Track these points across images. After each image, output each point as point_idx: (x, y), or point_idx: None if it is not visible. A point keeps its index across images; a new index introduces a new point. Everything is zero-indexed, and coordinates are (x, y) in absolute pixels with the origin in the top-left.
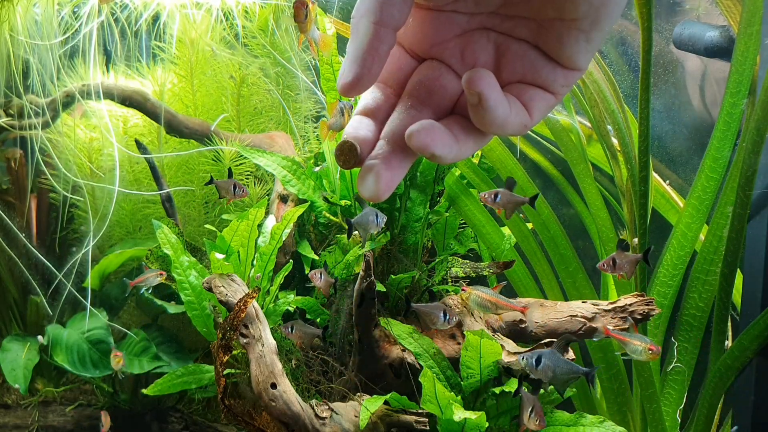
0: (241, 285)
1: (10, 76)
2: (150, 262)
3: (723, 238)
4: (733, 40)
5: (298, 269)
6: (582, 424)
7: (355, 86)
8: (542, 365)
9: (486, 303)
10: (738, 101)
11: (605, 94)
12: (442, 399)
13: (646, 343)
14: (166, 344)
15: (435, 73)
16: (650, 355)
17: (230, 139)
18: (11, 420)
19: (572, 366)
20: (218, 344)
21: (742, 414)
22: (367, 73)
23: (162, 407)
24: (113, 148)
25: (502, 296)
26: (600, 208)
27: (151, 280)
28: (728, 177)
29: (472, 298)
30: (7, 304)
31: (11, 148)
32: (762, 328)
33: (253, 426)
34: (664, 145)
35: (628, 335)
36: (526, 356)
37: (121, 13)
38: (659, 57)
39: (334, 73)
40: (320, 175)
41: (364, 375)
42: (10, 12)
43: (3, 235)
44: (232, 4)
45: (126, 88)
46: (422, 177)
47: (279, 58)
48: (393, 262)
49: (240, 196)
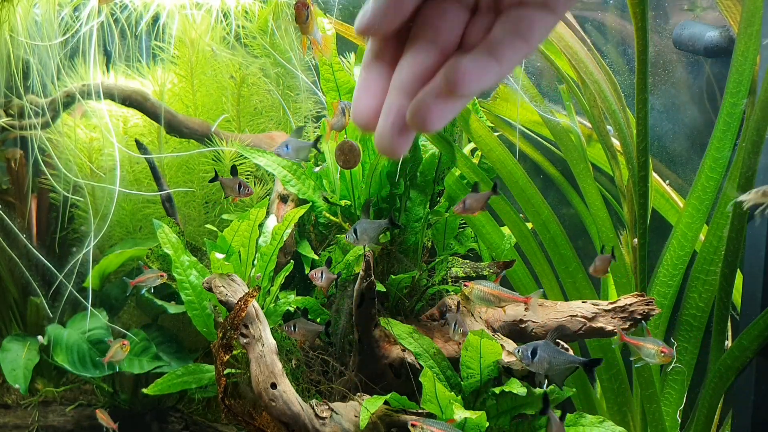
0: (241, 285)
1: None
2: (150, 262)
3: (723, 238)
4: (733, 40)
5: (299, 269)
6: (582, 424)
7: (377, 25)
8: (538, 357)
9: (489, 297)
10: (738, 101)
11: (606, 94)
12: (443, 399)
13: (659, 345)
14: (166, 344)
15: (438, 10)
16: (663, 358)
17: (230, 139)
18: (11, 420)
19: (569, 356)
20: (219, 344)
21: (742, 414)
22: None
23: (162, 407)
24: (113, 148)
25: (505, 289)
26: (600, 208)
27: (152, 280)
28: (728, 177)
29: (474, 292)
30: (7, 304)
31: (11, 149)
32: (762, 328)
33: (253, 426)
34: (664, 145)
35: (641, 339)
36: (521, 349)
37: (121, 14)
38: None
39: (334, 73)
40: (320, 175)
41: (364, 375)
42: (10, 13)
43: (3, 235)
44: (232, 4)
45: (126, 88)
46: (422, 177)
47: (279, 58)
48: (393, 262)
49: (245, 194)
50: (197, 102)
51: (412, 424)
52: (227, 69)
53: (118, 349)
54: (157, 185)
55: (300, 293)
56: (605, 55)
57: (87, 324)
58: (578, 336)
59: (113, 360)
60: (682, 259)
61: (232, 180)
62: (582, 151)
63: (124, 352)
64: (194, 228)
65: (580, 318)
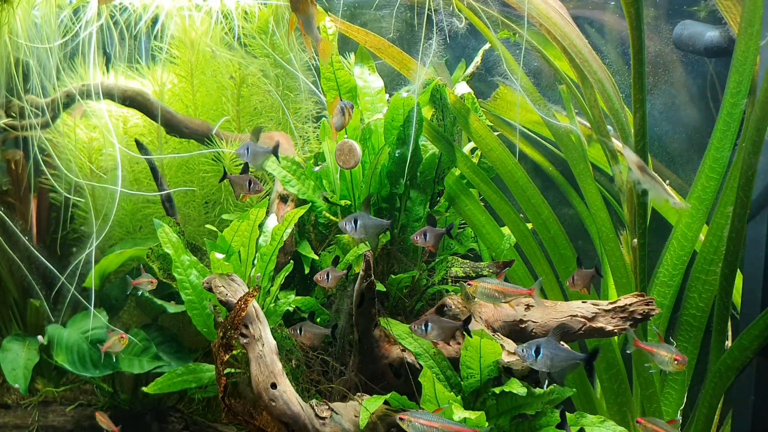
0: (241, 285)
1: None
2: (151, 261)
3: (723, 238)
4: (733, 40)
5: (299, 269)
6: (582, 424)
7: None
8: (541, 356)
9: (494, 293)
10: (738, 101)
11: (609, 94)
12: (442, 399)
13: (673, 353)
14: (166, 344)
15: None
16: (677, 366)
17: (230, 139)
18: (11, 420)
19: (570, 352)
20: (219, 343)
21: (742, 414)
22: None
23: (162, 407)
24: (113, 148)
25: (508, 284)
26: (600, 208)
27: (144, 285)
28: (728, 177)
29: (479, 290)
30: (8, 304)
31: (11, 149)
32: (762, 328)
33: (253, 425)
34: (664, 145)
35: (654, 345)
36: (524, 348)
37: (120, 15)
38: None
39: (335, 73)
40: (320, 175)
41: (364, 375)
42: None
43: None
44: (232, 6)
45: (126, 88)
46: (422, 177)
47: (278, 59)
48: (393, 262)
49: (255, 191)
50: (197, 102)
51: (400, 418)
52: (227, 69)
53: (116, 341)
54: (157, 185)
55: (300, 293)
56: (605, 56)
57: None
58: (578, 336)
59: (110, 351)
60: (682, 259)
61: (242, 177)
62: (582, 151)
63: (121, 344)
64: (194, 228)
65: (580, 318)
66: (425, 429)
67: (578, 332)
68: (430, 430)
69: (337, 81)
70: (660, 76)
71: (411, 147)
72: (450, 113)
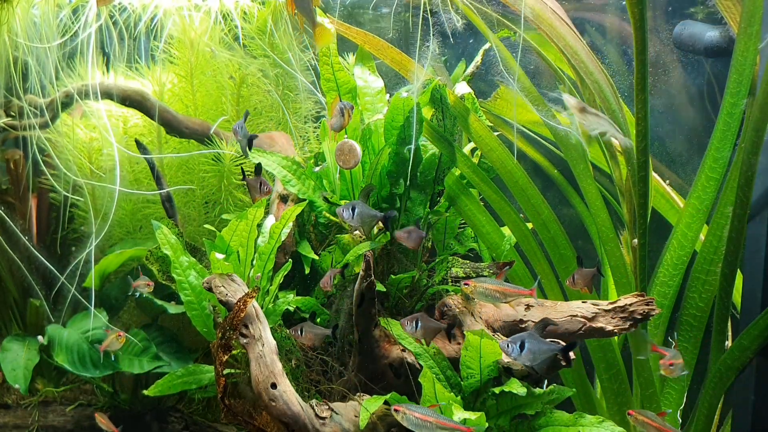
0: (240, 285)
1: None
2: (150, 263)
3: (723, 238)
4: (732, 40)
5: (298, 269)
6: (582, 424)
7: None
8: (526, 349)
9: (493, 293)
10: (738, 101)
11: (606, 94)
12: (442, 399)
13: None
14: (166, 344)
15: None
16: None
17: (230, 139)
18: (11, 420)
19: (549, 344)
20: (218, 344)
21: (742, 414)
22: None
23: (162, 407)
24: (113, 148)
25: (508, 284)
26: (600, 208)
27: (142, 287)
28: (728, 177)
29: (479, 290)
30: (8, 304)
31: (11, 149)
32: (762, 328)
33: (253, 426)
34: (664, 145)
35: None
36: (509, 342)
37: (119, 16)
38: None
39: (334, 74)
40: (320, 175)
41: (364, 375)
42: (9, 14)
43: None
44: (231, 6)
45: (126, 88)
46: (422, 177)
47: (277, 59)
48: (393, 262)
49: (266, 192)
50: (197, 102)
51: (395, 409)
52: (227, 69)
53: (114, 339)
54: (157, 185)
55: (300, 293)
56: (605, 56)
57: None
58: (578, 336)
59: (109, 349)
60: (682, 259)
61: (255, 179)
62: (582, 152)
63: (119, 342)
64: (194, 228)
65: (580, 318)
66: (420, 422)
67: (578, 332)
68: (424, 423)
69: (336, 82)
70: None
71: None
72: (450, 113)
